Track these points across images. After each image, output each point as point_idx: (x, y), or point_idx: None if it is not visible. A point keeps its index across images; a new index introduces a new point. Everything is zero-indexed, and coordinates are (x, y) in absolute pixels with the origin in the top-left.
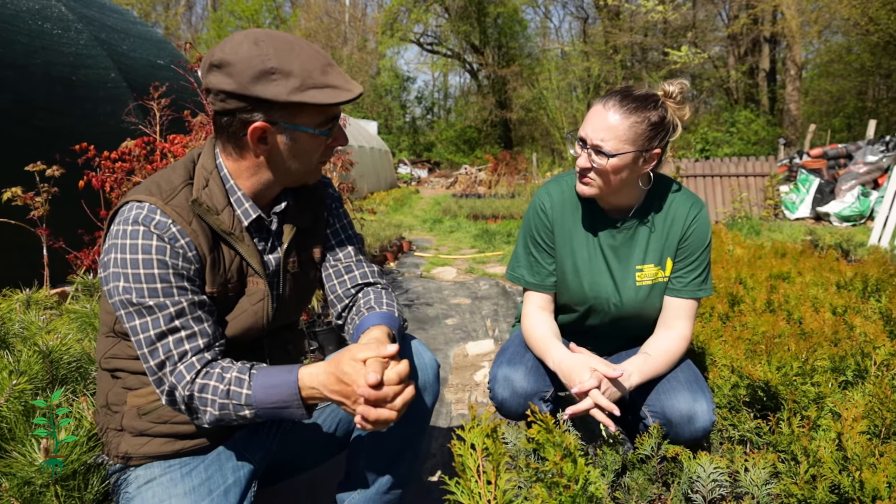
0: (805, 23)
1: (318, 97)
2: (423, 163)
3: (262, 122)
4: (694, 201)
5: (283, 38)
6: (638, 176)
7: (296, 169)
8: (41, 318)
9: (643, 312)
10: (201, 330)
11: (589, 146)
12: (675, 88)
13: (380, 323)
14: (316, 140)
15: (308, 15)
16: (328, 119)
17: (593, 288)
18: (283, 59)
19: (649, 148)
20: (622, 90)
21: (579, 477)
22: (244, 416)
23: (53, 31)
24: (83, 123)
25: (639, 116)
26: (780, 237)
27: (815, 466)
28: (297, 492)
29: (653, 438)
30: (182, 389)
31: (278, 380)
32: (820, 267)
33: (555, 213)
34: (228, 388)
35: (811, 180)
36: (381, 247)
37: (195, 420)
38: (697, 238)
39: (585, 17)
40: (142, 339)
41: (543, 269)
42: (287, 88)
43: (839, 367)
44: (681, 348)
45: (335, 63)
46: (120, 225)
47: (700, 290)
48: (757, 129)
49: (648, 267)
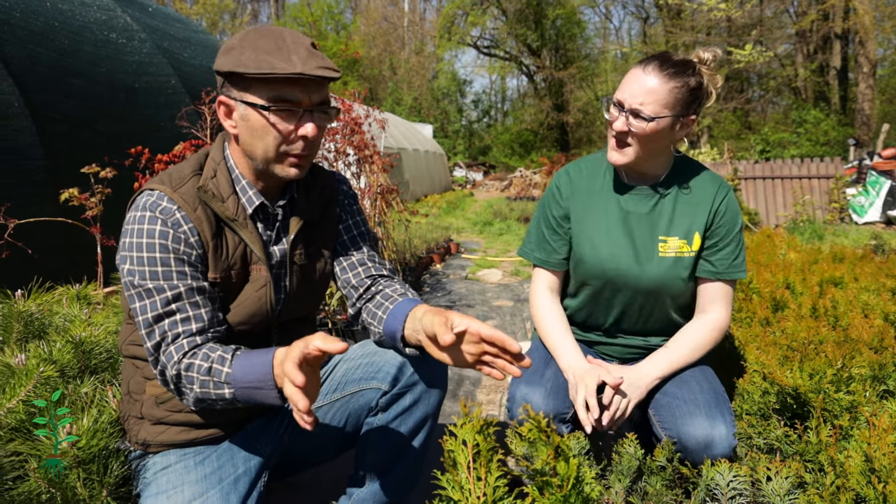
0: (880, 18)
1: (251, 66)
2: (478, 166)
3: (223, 96)
4: (721, 182)
5: (266, 28)
6: (671, 143)
7: (259, 154)
8: (84, 312)
9: (666, 287)
10: (196, 315)
11: (627, 109)
12: (709, 55)
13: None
14: (264, 117)
15: (368, 20)
16: (278, 97)
17: (612, 259)
18: (246, 38)
19: (686, 114)
20: (660, 55)
21: (570, 476)
22: (223, 395)
23: (118, 41)
24: (144, 128)
25: (678, 81)
26: (846, 242)
27: (840, 477)
28: (321, 483)
29: (665, 452)
30: (170, 369)
31: (257, 360)
32: (878, 272)
33: (571, 191)
34: (211, 365)
35: (882, 182)
36: (428, 249)
37: (183, 400)
38: (730, 218)
39: (645, 16)
40: (141, 321)
41: (550, 246)
42: (231, 60)
43: (880, 376)
44: (712, 338)
45: (305, 49)
46: (132, 212)
47: (735, 269)
48: (827, 130)
49: (673, 239)
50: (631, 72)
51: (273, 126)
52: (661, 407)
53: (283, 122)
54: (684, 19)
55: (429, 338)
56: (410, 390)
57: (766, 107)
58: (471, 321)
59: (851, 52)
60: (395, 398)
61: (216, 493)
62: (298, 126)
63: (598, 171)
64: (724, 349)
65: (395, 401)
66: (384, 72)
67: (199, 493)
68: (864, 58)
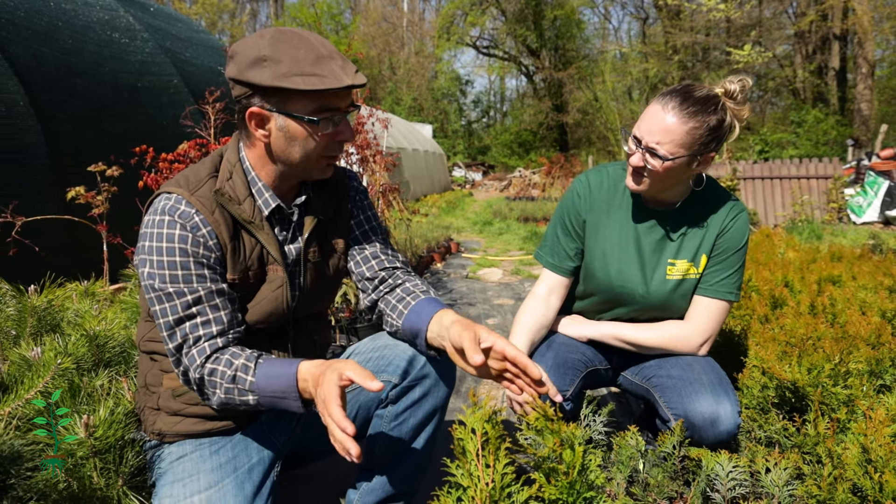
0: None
1: (300, 84)
2: (477, 166)
3: (258, 108)
4: (735, 204)
5: (286, 32)
6: (689, 177)
7: (297, 160)
8: (94, 308)
9: (670, 306)
10: (216, 318)
11: (644, 146)
12: (737, 87)
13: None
14: (309, 128)
15: (367, 21)
16: (322, 108)
17: (620, 276)
18: (276, 48)
19: (705, 152)
20: (682, 90)
21: (576, 464)
22: (247, 401)
23: (121, 41)
24: (147, 127)
25: (697, 122)
26: (844, 241)
27: (838, 468)
28: (330, 474)
29: (674, 437)
30: (193, 372)
31: (280, 370)
32: (876, 271)
33: (590, 201)
34: (235, 373)
35: (880, 183)
36: (429, 248)
37: (206, 401)
38: (732, 237)
39: (645, 17)
40: (162, 323)
41: (563, 252)
42: (273, 74)
43: (876, 371)
44: (671, 340)
45: (338, 56)
46: (150, 215)
47: (726, 291)
48: (826, 130)
49: (681, 262)
50: (651, 106)
51: (317, 135)
52: (667, 388)
53: (326, 130)
54: (683, 20)
55: (455, 349)
56: (420, 383)
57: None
58: (497, 339)
59: (850, 52)
60: (405, 391)
61: (231, 482)
62: (337, 131)
63: (619, 186)
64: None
65: (405, 393)
66: (384, 72)
67: (214, 482)
68: (862, 59)
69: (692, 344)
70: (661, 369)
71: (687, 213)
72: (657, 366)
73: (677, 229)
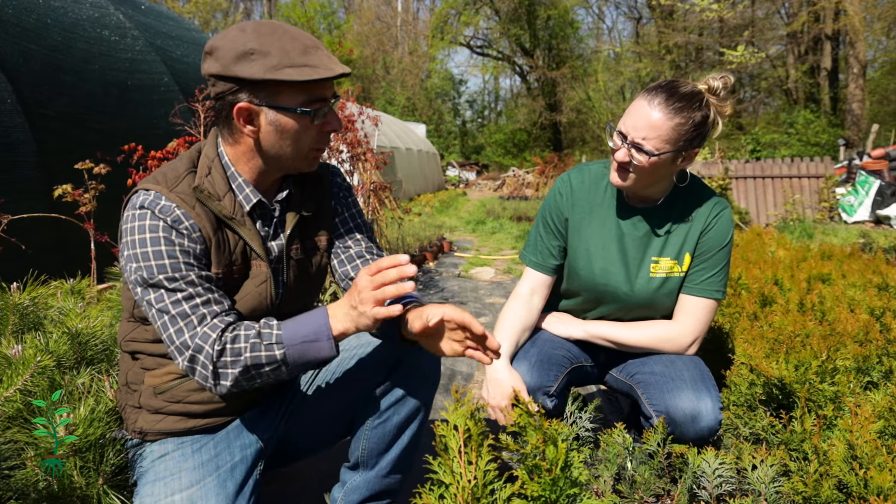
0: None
1: (293, 75)
2: (471, 165)
3: (246, 103)
4: (718, 201)
5: (267, 25)
6: (673, 172)
7: (287, 153)
8: (79, 306)
9: (655, 304)
10: (215, 298)
11: (629, 142)
12: (720, 84)
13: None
14: (301, 120)
15: (361, 20)
16: (312, 99)
17: (604, 274)
18: (263, 41)
19: (689, 148)
20: (667, 86)
21: (559, 460)
22: (273, 356)
23: (111, 38)
24: (137, 125)
25: (683, 117)
26: (835, 240)
27: (824, 465)
28: (316, 473)
29: (658, 434)
30: (210, 347)
31: (307, 317)
32: (866, 269)
33: (572, 200)
34: (259, 330)
35: (871, 182)
36: (421, 247)
37: (218, 383)
38: (716, 235)
39: (638, 17)
40: (157, 311)
41: (546, 251)
42: (264, 67)
43: (864, 368)
44: (671, 337)
45: (322, 47)
46: (130, 211)
47: (713, 290)
48: (818, 130)
49: (665, 260)
50: (636, 102)
51: (310, 126)
52: (650, 385)
53: (317, 122)
54: (676, 20)
55: (415, 332)
56: (404, 381)
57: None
58: (444, 308)
59: (842, 53)
60: (390, 388)
61: (213, 480)
62: (325, 121)
63: (601, 184)
64: (710, 342)
65: (390, 390)
66: (377, 71)
67: (196, 480)
68: (854, 59)
69: (681, 344)
70: (645, 366)
71: (670, 209)
72: (641, 362)
73: (661, 226)
